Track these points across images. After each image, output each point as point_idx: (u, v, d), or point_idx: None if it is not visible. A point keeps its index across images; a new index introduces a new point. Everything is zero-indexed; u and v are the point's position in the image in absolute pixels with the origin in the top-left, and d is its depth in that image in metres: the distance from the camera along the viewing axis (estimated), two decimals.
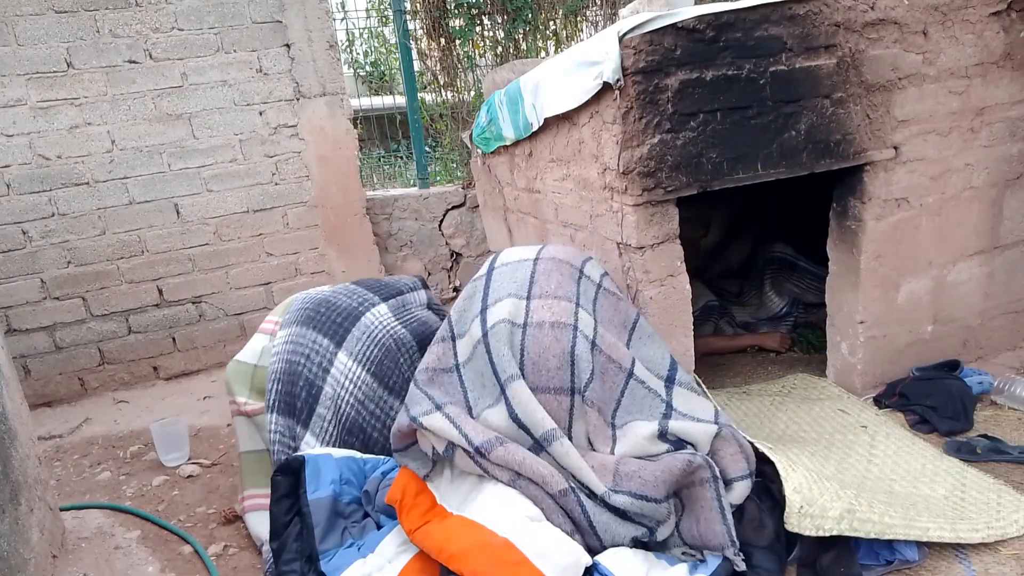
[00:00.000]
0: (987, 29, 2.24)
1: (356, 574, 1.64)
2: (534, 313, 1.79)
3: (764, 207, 3.36)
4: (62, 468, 2.69)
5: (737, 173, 2.06)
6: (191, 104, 3.33)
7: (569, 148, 2.32)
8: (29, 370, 3.30)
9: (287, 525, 1.78)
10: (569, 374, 1.73)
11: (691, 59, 1.92)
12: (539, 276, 1.87)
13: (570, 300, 1.82)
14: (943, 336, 2.51)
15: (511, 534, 1.51)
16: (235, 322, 3.63)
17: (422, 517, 1.66)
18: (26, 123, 3.11)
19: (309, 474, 1.81)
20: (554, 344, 1.74)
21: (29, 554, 1.75)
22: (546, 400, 1.72)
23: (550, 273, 1.88)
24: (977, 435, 2.10)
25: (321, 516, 1.76)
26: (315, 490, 1.78)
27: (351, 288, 2.27)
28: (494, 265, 1.98)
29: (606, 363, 1.78)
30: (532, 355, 1.74)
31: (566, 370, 1.73)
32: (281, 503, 1.80)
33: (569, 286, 1.86)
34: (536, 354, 1.74)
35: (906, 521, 1.62)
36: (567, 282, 1.87)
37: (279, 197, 3.59)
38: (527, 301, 1.81)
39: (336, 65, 3.56)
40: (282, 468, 1.86)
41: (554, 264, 1.92)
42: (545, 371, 1.73)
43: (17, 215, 3.17)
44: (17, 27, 3.02)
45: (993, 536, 1.65)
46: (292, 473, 1.85)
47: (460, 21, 4.25)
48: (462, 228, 4.16)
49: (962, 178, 2.36)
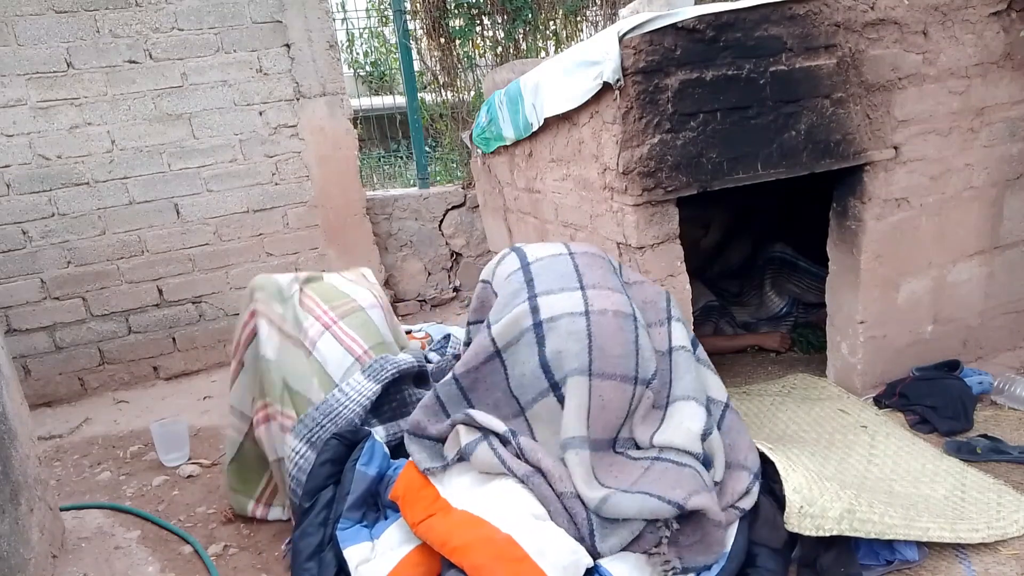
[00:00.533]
0: (987, 29, 2.24)
1: (359, 553, 1.69)
2: (594, 302, 1.77)
3: (764, 207, 3.36)
4: (62, 468, 2.69)
5: (737, 173, 2.06)
6: (191, 104, 3.33)
7: (569, 148, 2.32)
8: (29, 370, 3.30)
9: (322, 489, 1.84)
10: (634, 363, 1.74)
11: (691, 59, 1.92)
12: (583, 268, 1.87)
13: (620, 292, 1.84)
14: (943, 336, 2.51)
15: (514, 530, 1.52)
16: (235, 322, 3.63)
17: (426, 510, 1.67)
18: (26, 123, 3.11)
19: (367, 448, 1.87)
20: (618, 333, 1.74)
21: (29, 554, 1.75)
22: (609, 387, 1.72)
23: (592, 266, 1.89)
24: (977, 435, 2.10)
25: (360, 488, 1.82)
26: (367, 463, 1.85)
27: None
28: (527, 260, 1.94)
29: (658, 355, 1.81)
30: (599, 341, 1.73)
31: (631, 359, 1.74)
32: (326, 466, 1.86)
33: (612, 278, 1.88)
34: (603, 340, 1.73)
35: (906, 521, 1.62)
36: (609, 275, 1.89)
37: (279, 197, 3.59)
38: (582, 291, 1.81)
39: (336, 65, 3.56)
40: (343, 434, 1.92)
41: (590, 258, 1.93)
42: (612, 358, 1.73)
43: (17, 215, 3.17)
44: (17, 27, 3.02)
45: (993, 536, 1.65)
46: (348, 443, 1.90)
47: (460, 21, 4.26)
48: (462, 228, 4.16)
49: (962, 178, 2.36)
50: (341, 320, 2.22)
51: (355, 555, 1.69)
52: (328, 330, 2.17)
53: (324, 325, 2.18)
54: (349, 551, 1.70)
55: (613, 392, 1.72)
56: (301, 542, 1.76)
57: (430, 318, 3.94)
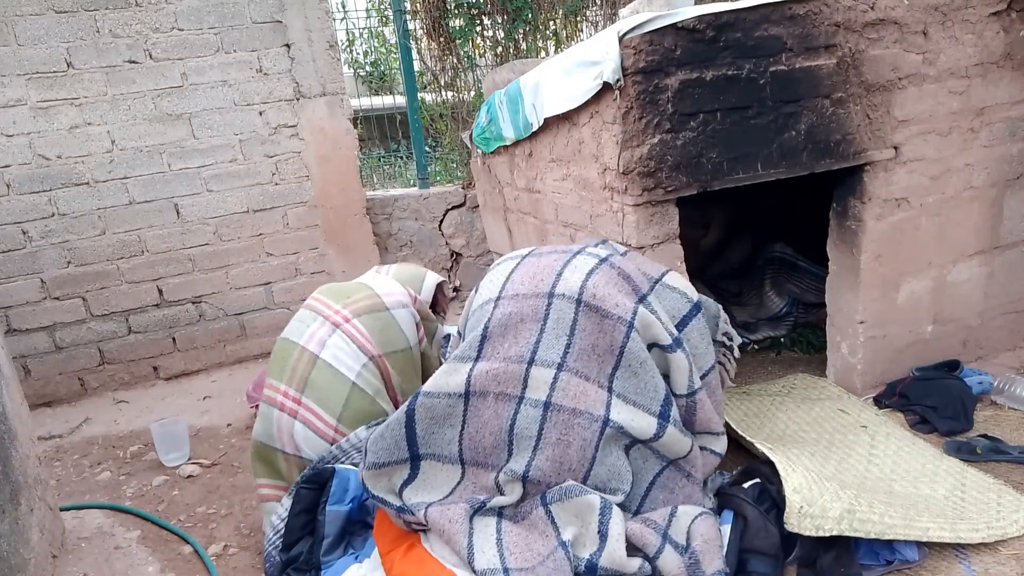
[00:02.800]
0: (987, 29, 2.24)
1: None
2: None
3: (764, 207, 3.36)
4: (62, 468, 2.69)
5: (737, 173, 2.06)
6: (191, 104, 3.33)
7: (569, 148, 2.32)
8: (29, 370, 3.30)
9: (300, 540, 1.83)
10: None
11: (691, 59, 1.92)
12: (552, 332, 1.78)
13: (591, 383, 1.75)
14: (943, 336, 2.51)
15: (458, 568, 1.58)
16: (235, 322, 3.63)
17: (393, 542, 1.72)
18: (26, 123, 3.11)
19: (335, 487, 1.85)
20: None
21: (29, 554, 1.75)
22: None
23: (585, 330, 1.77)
24: (977, 435, 2.10)
25: (333, 528, 1.82)
26: (335, 503, 1.84)
27: None
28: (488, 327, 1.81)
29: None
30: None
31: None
32: (300, 517, 1.85)
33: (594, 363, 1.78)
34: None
35: (906, 521, 1.62)
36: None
37: (279, 197, 3.59)
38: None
39: (336, 65, 3.56)
40: (309, 479, 1.89)
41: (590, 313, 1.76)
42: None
43: (17, 215, 3.17)
44: (17, 27, 3.02)
45: (993, 536, 1.66)
46: (318, 486, 1.88)
47: (460, 21, 4.26)
48: (462, 228, 4.15)
49: (962, 178, 2.36)
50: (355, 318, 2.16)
51: None
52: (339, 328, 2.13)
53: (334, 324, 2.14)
54: None
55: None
56: None
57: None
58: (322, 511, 1.82)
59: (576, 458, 1.66)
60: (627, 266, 1.81)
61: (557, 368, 1.70)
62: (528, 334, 1.73)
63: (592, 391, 1.69)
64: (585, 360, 1.71)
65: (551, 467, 1.66)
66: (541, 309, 1.75)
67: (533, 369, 1.70)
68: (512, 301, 1.79)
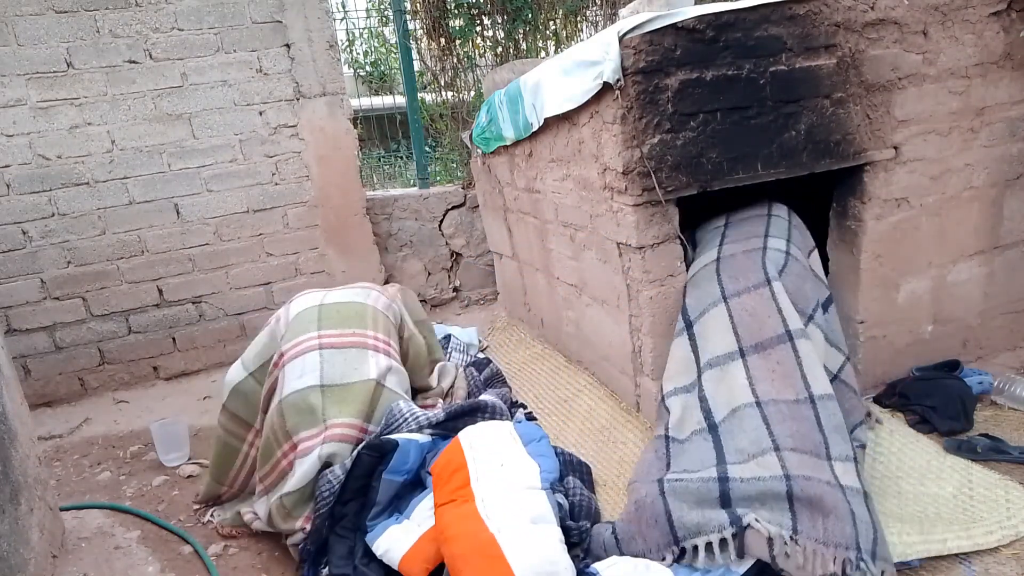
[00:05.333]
0: (987, 29, 2.24)
1: (387, 538, 1.81)
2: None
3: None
4: (62, 468, 2.68)
5: (737, 173, 2.06)
6: (191, 104, 3.33)
7: (569, 148, 2.32)
8: (29, 370, 3.30)
9: (351, 501, 1.92)
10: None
11: (691, 59, 1.92)
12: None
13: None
14: (943, 336, 2.51)
15: (500, 531, 1.63)
16: (235, 322, 3.63)
17: (449, 495, 1.80)
18: (26, 123, 3.11)
19: (396, 458, 1.95)
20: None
21: (29, 554, 1.75)
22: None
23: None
24: (977, 435, 2.10)
25: (386, 496, 1.93)
26: (393, 471, 1.94)
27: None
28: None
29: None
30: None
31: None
32: (358, 480, 1.93)
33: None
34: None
35: (923, 536, 1.62)
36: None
37: (279, 197, 3.59)
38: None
39: (336, 65, 3.56)
40: (373, 446, 1.97)
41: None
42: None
43: (17, 215, 3.17)
44: (17, 27, 3.02)
45: (1008, 537, 1.65)
46: (379, 453, 1.95)
47: (460, 21, 4.25)
48: (462, 228, 4.15)
49: (962, 178, 2.36)
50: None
51: (383, 543, 1.79)
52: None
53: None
54: (378, 542, 1.80)
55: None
56: (337, 544, 1.86)
57: (431, 318, 3.92)
58: (377, 477, 1.91)
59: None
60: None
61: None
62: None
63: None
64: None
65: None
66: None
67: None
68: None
